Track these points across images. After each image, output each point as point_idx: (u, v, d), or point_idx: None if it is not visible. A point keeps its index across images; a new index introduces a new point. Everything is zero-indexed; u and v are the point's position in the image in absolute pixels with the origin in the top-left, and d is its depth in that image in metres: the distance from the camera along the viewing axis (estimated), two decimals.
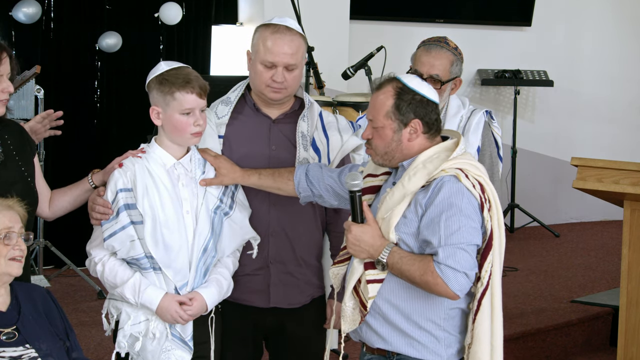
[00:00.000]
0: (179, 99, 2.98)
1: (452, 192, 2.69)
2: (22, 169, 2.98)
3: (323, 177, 3.08)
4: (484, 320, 2.76)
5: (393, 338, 2.81)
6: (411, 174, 2.76)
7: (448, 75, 3.48)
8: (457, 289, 2.66)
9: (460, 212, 2.68)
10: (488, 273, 2.74)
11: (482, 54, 8.01)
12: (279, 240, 3.21)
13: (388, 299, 2.79)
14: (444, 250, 2.65)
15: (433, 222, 2.69)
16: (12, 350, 2.67)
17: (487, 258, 2.73)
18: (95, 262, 3.02)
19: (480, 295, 2.74)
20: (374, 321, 2.82)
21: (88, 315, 5.28)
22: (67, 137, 6.16)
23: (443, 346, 2.80)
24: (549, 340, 5.16)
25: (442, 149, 2.81)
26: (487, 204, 2.74)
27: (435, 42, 3.54)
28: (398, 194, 2.76)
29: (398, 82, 2.81)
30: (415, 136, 2.80)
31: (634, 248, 3.98)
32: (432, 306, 2.78)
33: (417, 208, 2.73)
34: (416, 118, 2.78)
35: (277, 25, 3.12)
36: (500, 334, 2.81)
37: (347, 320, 2.86)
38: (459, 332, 2.82)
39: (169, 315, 2.98)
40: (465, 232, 2.67)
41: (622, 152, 8.21)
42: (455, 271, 2.65)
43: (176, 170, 3.06)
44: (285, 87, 3.14)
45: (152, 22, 6.75)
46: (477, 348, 2.76)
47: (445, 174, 2.72)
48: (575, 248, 7.40)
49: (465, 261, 2.66)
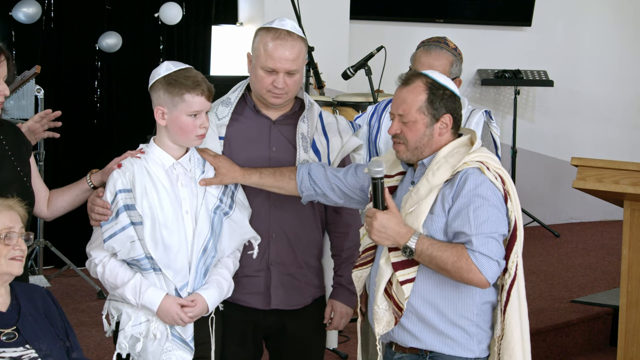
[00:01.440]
0: (188, 100, 2.98)
1: (478, 183, 2.74)
2: (18, 169, 2.97)
3: (327, 176, 3.08)
4: (514, 312, 2.80)
5: (426, 336, 2.83)
6: (435, 169, 2.79)
7: (448, 75, 3.47)
8: (490, 275, 2.70)
9: (487, 202, 2.73)
10: (515, 264, 2.78)
11: (482, 54, 8.01)
12: (279, 242, 3.21)
13: (422, 296, 2.81)
14: (477, 239, 2.70)
15: (461, 213, 2.73)
16: (12, 351, 2.66)
17: (512, 249, 2.78)
18: (95, 263, 3.02)
19: (509, 286, 2.79)
20: (406, 320, 2.84)
21: (88, 315, 5.28)
22: (67, 137, 6.19)
23: (475, 342, 2.83)
24: (549, 340, 5.16)
25: (460, 144, 2.85)
26: (508, 195, 2.79)
27: (435, 42, 3.53)
28: (424, 189, 2.79)
29: (427, 77, 2.85)
30: (446, 131, 2.85)
31: (634, 248, 3.98)
32: (464, 301, 2.81)
33: (444, 203, 2.76)
34: (447, 113, 2.83)
35: (278, 30, 3.11)
36: (527, 324, 2.86)
37: (382, 323, 2.86)
38: (489, 327, 2.86)
39: (170, 316, 2.97)
40: (494, 221, 2.73)
41: (622, 152, 8.22)
42: (489, 259, 2.69)
43: (175, 170, 3.06)
44: (286, 92, 3.14)
45: (152, 22, 6.75)
46: (510, 339, 2.80)
47: (469, 167, 2.77)
48: (575, 248, 7.41)
49: (497, 250, 2.72)
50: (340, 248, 3.30)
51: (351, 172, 3.08)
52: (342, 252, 3.29)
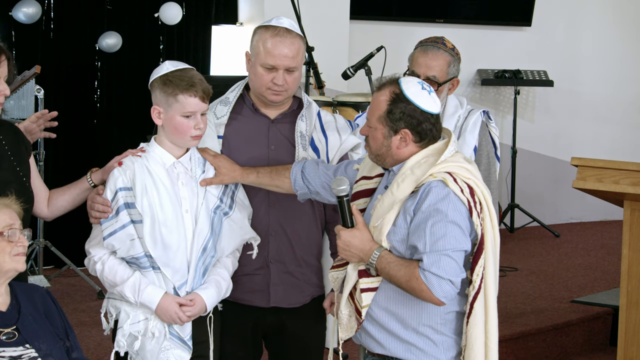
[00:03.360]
0: (181, 101, 2.98)
1: (439, 197, 2.67)
2: (17, 169, 2.98)
3: (319, 174, 3.08)
4: (477, 323, 2.75)
5: (391, 344, 2.80)
6: (399, 181, 2.74)
7: (445, 76, 3.46)
8: (441, 295, 2.64)
9: (446, 218, 2.66)
10: (480, 277, 2.73)
11: (482, 54, 8.01)
12: (278, 240, 3.21)
13: (384, 306, 2.79)
14: (429, 257, 2.64)
15: (419, 227, 2.67)
16: (12, 350, 2.67)
17: (478, 262, 2.72)
18: (94, 261, 3.02)
19: (472, 298, 2.74)
20: (371, 327, 2.82)
21: (88, 315, 5.28)
22: (67, 137, 6.22)
23: (442, 350, 2.79)
24: (549, 340, 5.16)
25: (431, 152, 2.77)
26: (478, 207, 2.71)
27: (432, 42, 3.50)
28: (387, 201, 2.75)
29: (397, 87, 2.77)
30: (405, 144, 2.77)
31: (634, 248, 3.98)
32: (428, 311, 2.77)
33: (405, 215, 2.72)
34: (406, 128, 2.75)
35: (277, 28, 3.12)
36: (495, 335, 2.80)
37: (344, 328, 2.86)
38: (457, 334, 2.82)
39: (168, 315, 2.98)
40: (451, 238, 2.65)
41: (622, 152, 8.22)
42: (440, 278, 2.63)
43: (176, 170, 3.06)
44: (286, 89, 3.15)
45: (152, 22, 6.75)
46: (471, 350, 2.76)
47: (433, 179, 2.70)
48: (575, 248, 7.40)
49: (450, 268, 2.64)
50: None
51: (341, 170, 3.07)
52: None
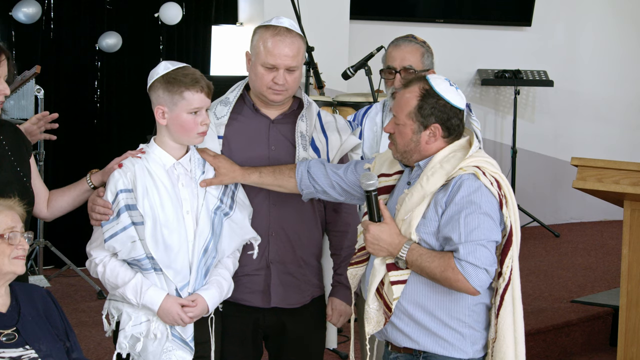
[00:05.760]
0: (187, 98, 2.98)
1: (471, 189, 2.73)
2: (18, 169, 2.97)
3: (327, 173, 3.09)
4: (507, 315, 2.80)
5: (419, 336, 2.83)
6: (429, 175, 2.78)
7: (421, 66, 3.51)
8: (477, 284, 2.69)
9: (479, 210, 2.71)
10: (509, 268, 2.79)
11: (482, 54, 8.01)
12: (279, 241, 3.21)
13: (412, 298, 2.81)
14: (465, 247, 2.69)
15: (453, 219, 2.72)
16: (12, 352, 2.66)
17: (507, 254, 2.79)
18: (95, 263, 3.02)
19: (502, 290, 2.79)
20: (399, 321, 2.84)
21: (88, 315, 5.28)
22: (67, 137, 6.21)
23: (469, 342, 2.83)
24: (549, 340, 5.16)
25: (457, 148, 2.83)
26: (505, 200, 2.77)
27: (403, 38, 3.60)
28: (417, 195, 2.78)
29: (426, 83, 2.82)
30: (434, 139, 2.82)
31: (634, 248, 3.98)
32: (456, 303, 2.80)
33: (437, 207, 2.75)
34: (437, 123, 2.80)
35: (277, 27, 3.12)
36: (522, 327, 2.86)
37: (372, 322, 2.88)
38: (483, 327, 2.86)
39: (171, 316, 2.98)
40: (485, 229, 2.71)
41: (622, 152, 8.22)
42: (476, 267, 2.69)
43: (176, 171, 3.06)
44: (286, 88, 3.15)
45: (152, 22, 6.75)
46: (502, 342, 2.80)
47: (464, 172, 2.75)
48: (575, 248, 7.40)
49: (486, 257, 2.70)
50: (340, 247, 3.30)
51: (351, 169, 3.09)
52: (342, 250, 3.29)
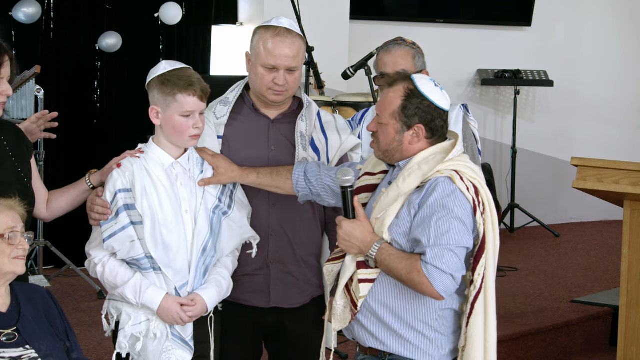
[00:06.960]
0: (180, 100, 2.98)
1: (445, 193, 2.69)
2: (19, 170, 2.98)
3: (321, 176, 3.08)
4: (477, 323, 2.76)
5: (385, 337, 2.81)
6: (406, 175, 2.75)
7: (414, 68, 3.50)
8: (442, 289, 2.65)
9: (451, 214, 2.67)
10: (481, 276, 2.73)
11: (482, 54, 8.01)
12: (279, 240, 3.22)
13: (379, 298, 2.80)
14: (432, 251, 2.65)
15: (424, 222, 2.68)
16: (12, 351, 2.67)
17: (479, 261, 2.73)
18: (95, 263, 3.02)
19: (473, 298, 2.74)
20: (366, 320, 2.83)
21: (88, 315, 5.28)
22: (66, 137, 6.21)
23: (435, 347, 2.80)
24: (549, 340, 5.16)
25: (439, 150, 2.80)
26: (481, 207, 2.73)
27: (392, 42, 3.60)
28: (392, 194, 2.76)
29: (411, 83, 2.79)
30: (417, 140, 2.80)
31: (634, 248, 3.98)
32: (423, 307, 2.77)
33: (410, 208, 2.73)
34: (420, 123, 2.77)
35: (278, 28, 3.12)
36: (494, 336, 2.80)
37: (338, 319, 2.87)
38: (451, 332, 2.82)
39: (170, 316, 2.98)
40: (455, 234, 2.66)
41: (622, 152, 8.22)
42: (442, 272, 2.64)
43: (174, 170, 3.06)
44: (287, 89, 3.15)
45: (152, 22, 6.75)
46: (471, 351, 2.76)
47: (440, 175, 2.72)
48: (575, 248, 7.40)
49: (453, 263, 2.65)
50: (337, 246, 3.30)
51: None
52: None
